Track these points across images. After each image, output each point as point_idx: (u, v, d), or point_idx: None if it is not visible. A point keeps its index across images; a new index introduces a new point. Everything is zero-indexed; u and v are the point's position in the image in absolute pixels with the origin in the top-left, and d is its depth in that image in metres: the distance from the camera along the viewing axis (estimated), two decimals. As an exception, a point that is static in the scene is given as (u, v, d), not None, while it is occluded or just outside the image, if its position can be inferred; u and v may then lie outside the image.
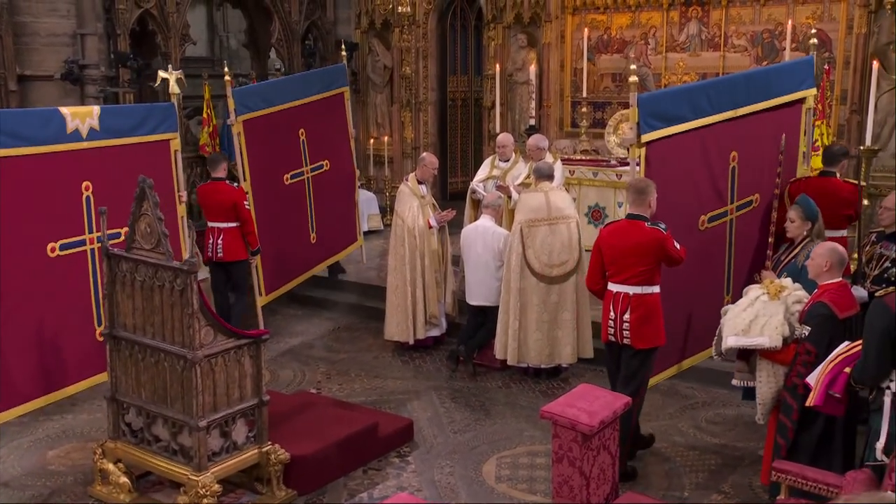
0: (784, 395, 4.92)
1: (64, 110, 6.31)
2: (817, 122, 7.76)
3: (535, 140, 8.40)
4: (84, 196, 6.31)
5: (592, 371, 7.46)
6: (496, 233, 7.59)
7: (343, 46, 10.76)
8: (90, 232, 6.22)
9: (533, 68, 10.94)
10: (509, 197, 8.16)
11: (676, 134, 5.83)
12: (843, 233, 6.52)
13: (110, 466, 5.39)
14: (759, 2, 9.86)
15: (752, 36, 9.99)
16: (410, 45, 12.57)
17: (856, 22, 9.04)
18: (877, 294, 4.39)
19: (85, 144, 6.29)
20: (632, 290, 5.49)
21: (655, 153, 5.72)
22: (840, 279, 4.92)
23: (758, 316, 5.01)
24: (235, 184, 8.10)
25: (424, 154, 8.66)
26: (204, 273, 7.70)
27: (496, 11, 11.38)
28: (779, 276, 5.61)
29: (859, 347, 4.44)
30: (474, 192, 8.61)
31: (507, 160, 8.64)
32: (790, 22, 9.40)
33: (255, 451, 5.31)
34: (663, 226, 5.46)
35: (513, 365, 7.40)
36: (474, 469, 5.88)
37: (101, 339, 6.00)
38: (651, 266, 5.45)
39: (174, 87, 7.37)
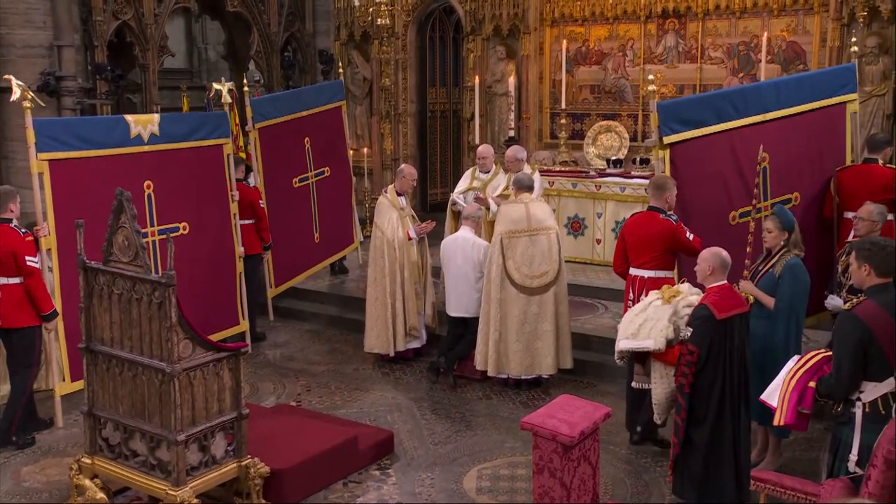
0: (676, 395, 5.08)
1: (128, 118, 7.08)
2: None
3: (514, 151, 8.43)
4: (146, 194, 7.07)
5: (573, 382, 7.48)
6: (476, 244, 7.60)
7: (340, 64, 11.42)
8: (151, 225, 7.08)
9: (512, 80, 11.00)
10: (488, 208, 8.17)
11: (702, 136, 6.27)
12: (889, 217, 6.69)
13: (87, 482, 5.32)
14: (735, 14, 9.98)
15: (728, 48, 10.11)
16: (389, 56, 12.59)
17: (829, 35, 9.18)
18: (844, 306, 4.38)
19: (146, 148, 7.04)
20: (647, 273, 6.07)
21: (680, 154, 6.23)
22: (724, 282, 5.13)
23: (647, 319, 5.30)
24: (253, 185, 8.70)
25: (403, 166, 8.68)
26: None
27: (475, 23, 11.44)
28: (757, 286, 5.67)
29: (815, 360, 4.48)
30: (454, 203, 8.62)
31: (488, 171, 8.66)
32: (765, 34, 9.52)
33: (235, 464, 5.26)
34: (674, 217, 6.02)
35: (493, 376, 7.40)
36: (455, 481, 5.86)
37: None
38: (662, 252, 6.04)
39: (226, 98, 8.00)
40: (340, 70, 11.08)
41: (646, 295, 5.80)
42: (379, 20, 11.42)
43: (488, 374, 7.37)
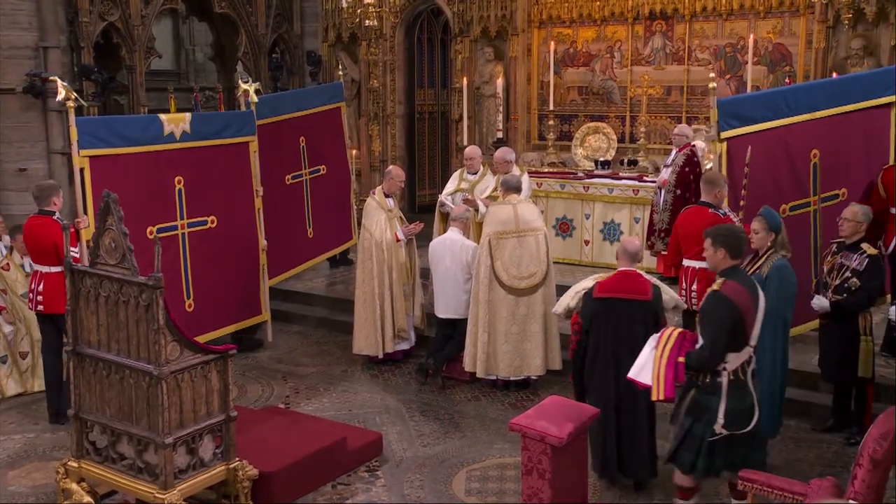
0: None
1: (162, 117, 7.38)
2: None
3: (502, 153, 8.44)
4: (177, 189, 7.35)
5: (561, 383, 7.48)
6: (464, 245, 7.61)
7: (339, 66, 11.62)
8: (181, 219, 7.37)
9: (500, 81, 11.01)
10: (476, 210, 8.18)
11: (756, 132, 6.60)
12: None
13: (73, 486, 5.29)
14: (722, 16, 10.03)
15: (715, 50, 10.16)
16: (378, 58, 12.59)
17: (815, 37, 9.24)
18: (711, 288, 4.81)
19: (178, 145, 7.31)
20: (697, 264, 6.27)
21: (736, 148, 6.55)
22: (628, 269, 5.59)
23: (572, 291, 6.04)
24: None
25: (391, 167, 8.68)
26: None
27: (463, 25, 11.45)
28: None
29: (674, 336, 4.86)
30: (443, 205, 8.63)
31: (476, 173, 8.67)
32: (752, 36, 9.57)
33: (223, 467, 5.24)
34: (722, 212, 6.35)
35: (482, 377, 7.40)
36: (444, 483, 5.87)
37: (189, 309, 7.42)
38: None
39: (253, 97, 8.24)
40: (340, 73, 11.22)
41: (696, 285, 6.34)
42: (367, 22, 11.40)
43: (477, 375, 7.37)
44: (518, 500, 5.38)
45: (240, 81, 8.88)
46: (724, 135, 6.52)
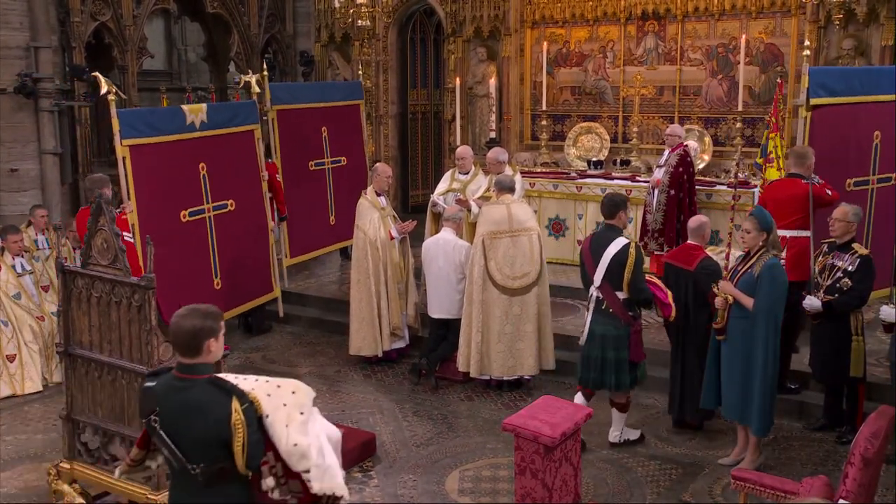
0: None
1: (184, 107, 7.83)
2: (772, 135, 7.94)
3: (494, 153, 8.44)
4: (202, 175, 7.76)
5: (554, 383, 7.49)
6: (458, 245, 7.61)
7: (360, 68, 11.99)
8: (207, 202, 7.79)
9: (493, 81, 11.01)
10: (469, 210, 8.18)
11: (835, 105, 7.04)
12: None
13: (65, 487, 5.28)
14: (714, 17, 10.04)
15: (707, 50, 10.17)
16: (370, 58, 12.58)
17: (806, 37, 9.24)
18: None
19: (198, 134, 7.73)
20: (788, 233, 6.54)
21: (819, 117, 6.99)
22: (690, 242, 6.44)
23: None
24: (270, 160, 9.33)
25: (377, 164, 8.69)
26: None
27: (456, 25, 11.45)
28: (736, 287, 5.71)
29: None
30: (435, 205, 8.62)
31: (467, 173, 8.67)
32: (744, 36, 9.59)
33: (215, 468, 5.22)
34: (816, 180, 6.70)
35: (475, 377, 7.40)
36: (437, 483, 5.87)
37: (218, 287, 7.81)
38: (804, 214, 6.60)
39: (255, 87, 8.77)
40: (360, 72, 11.59)
41: (786, 252, 6.38)
42: (359, 22, 11.41)
43: (470, 375, 7.37)
44: (511, 500, 5.39)
45: (242, 77, 9.26)
46: (814, 102, 6.91)
